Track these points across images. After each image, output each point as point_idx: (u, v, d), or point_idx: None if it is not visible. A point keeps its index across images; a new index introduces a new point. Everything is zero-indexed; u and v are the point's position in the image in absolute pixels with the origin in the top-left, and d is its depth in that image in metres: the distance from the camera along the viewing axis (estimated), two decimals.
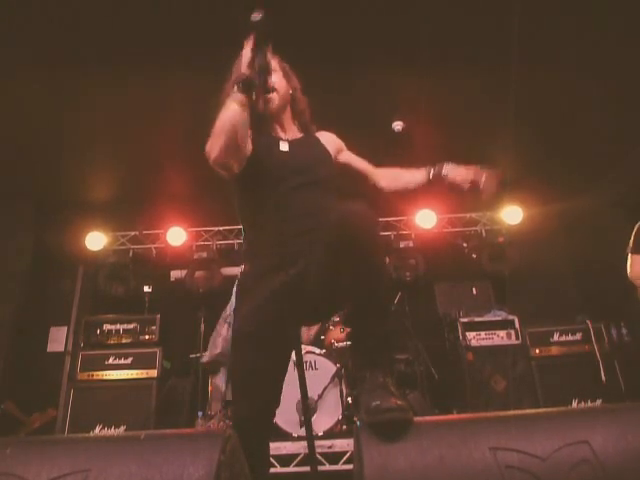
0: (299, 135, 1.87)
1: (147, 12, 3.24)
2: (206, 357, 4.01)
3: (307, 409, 1.27)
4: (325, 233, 1.46)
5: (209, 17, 3.29)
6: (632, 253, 3.26)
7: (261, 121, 1.66)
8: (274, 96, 1.76)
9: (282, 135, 1.82)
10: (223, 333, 4.13)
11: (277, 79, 1.80)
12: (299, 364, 1.36)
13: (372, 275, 1.36)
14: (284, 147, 1.77)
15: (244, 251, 1.83)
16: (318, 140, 1.89)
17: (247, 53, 1.59)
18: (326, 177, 1.78)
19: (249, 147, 1.66)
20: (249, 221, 1.81)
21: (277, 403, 1.64)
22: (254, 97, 1.57)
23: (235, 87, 1.55)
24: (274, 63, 1.80)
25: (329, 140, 1.92)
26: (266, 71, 1.59)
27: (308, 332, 4.39)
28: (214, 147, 1.53)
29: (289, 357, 1.69)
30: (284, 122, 1.86)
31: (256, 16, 1.46)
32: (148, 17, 3.28)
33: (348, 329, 3.64)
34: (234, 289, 1.76)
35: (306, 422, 1.32)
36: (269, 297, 1.58)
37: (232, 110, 1.52)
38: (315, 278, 1.51)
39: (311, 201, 1.67)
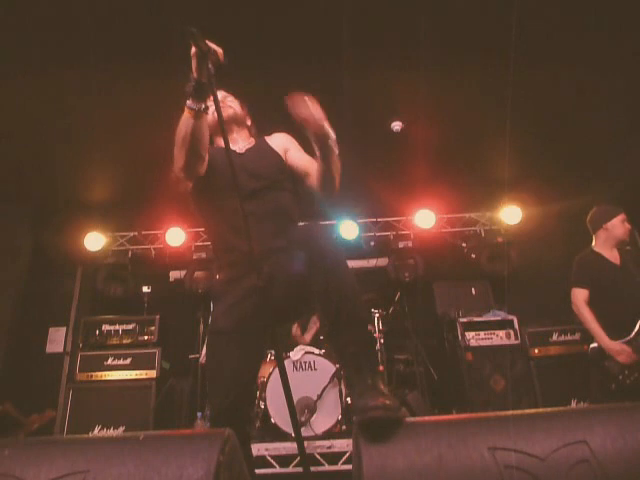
0: (251, 143, 1.98)
1: (147, 13, 3.24)
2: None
3: (293, 411, 1.27)
4: (290, 250, 1.58)
5: (208, 18, 3.29)
6: (574, 286, 3.33)
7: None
8: (231, 108, 1.94)
9: (235, 147, 1.90)
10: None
11: (232, 99, 2.01)
12: (280, 367, 1.38)
13: (340, 289, 1.43)
14: (238, 156, 1.87)
15: (216, 261, 1.93)
16: (268, 144, 2.00)
17: (193, 62, 1.59)
18: (281, 179, 1.88)
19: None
20: (213, 231, 1.92)
21: (250, 398, 1.76)
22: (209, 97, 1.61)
23: (188, 94, 1.60)
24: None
25: (278, 142, 2.01)
26: (212, 75, 1.57)
27: (308, 333, 4.39)
28: (178, 156, 1.68)
29: (260, 354, 1.84)
30: (236, 135, 1.98)
31: (190, 29, 1.52)
32: (148, 17, 3.28)
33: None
34: (211, 297, 1.91)
35: (293, 425, 1.32)
36: (240, 297, 1.70)
37: (188, 121, 1.62)
38: (282, 283, 1.61)
39: (270, 205, 1.78)
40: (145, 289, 5.24)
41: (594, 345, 3.21)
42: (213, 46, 1.59)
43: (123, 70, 3.67)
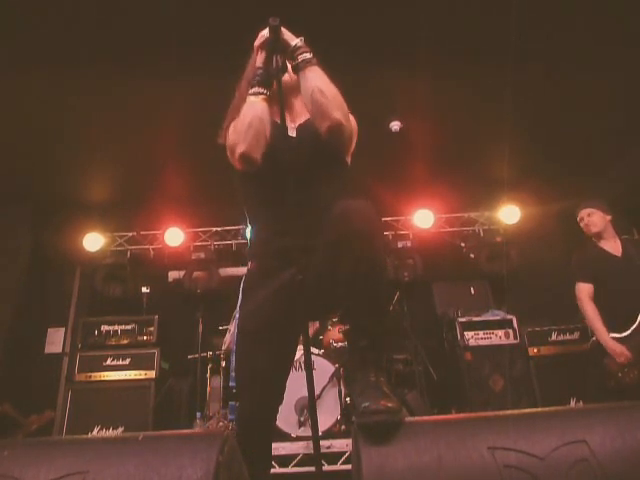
0: (307, 117, 1.74)
1: (146, 13, 3.24)
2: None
3: (314, 409, 1.26)
4: (325, 230, 1.43)
5: (208, 19, 3.29)
6: (578, 281, 3.32)
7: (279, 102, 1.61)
8: (287, 77, 1.71)
9: (289, 120, 1.72)
10: (232, 329, 4.24)
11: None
12: (307, 363, 1.35)
13: (369, 273, 1.34)
14: (291, 133, 1.71)
15: (249, 249, 1.82)
16: None
17: (261, 53, 1.67)
18: (333, 159, 1.72)
19: None
20: (253, 217, 1.79)
21: (280, 400, 1.65)
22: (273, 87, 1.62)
23: (255, 82, 1.62)
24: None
25: None
26: (284, 67, 1.65)
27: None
28: (241, 141, 1.55)
29: (292, 355, 1.71)
30: (293, 106, 1.79)
31: (274, 20, 1.63)
32: (147, 18, 3.28)
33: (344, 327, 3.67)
34: (241, 286, 1.74)
35: (312, 423, 1.31)
36: (271, 296, 1.58)
37: (255, 104, 1.58)
38: (317, 275, 1.48)
39: (315, 195, 1.62)
40: (144, 289, 5.23)
41: (595, 339, 3.19)
42: (288, 36, 1.65)
43: (123, 70, 3.66)
